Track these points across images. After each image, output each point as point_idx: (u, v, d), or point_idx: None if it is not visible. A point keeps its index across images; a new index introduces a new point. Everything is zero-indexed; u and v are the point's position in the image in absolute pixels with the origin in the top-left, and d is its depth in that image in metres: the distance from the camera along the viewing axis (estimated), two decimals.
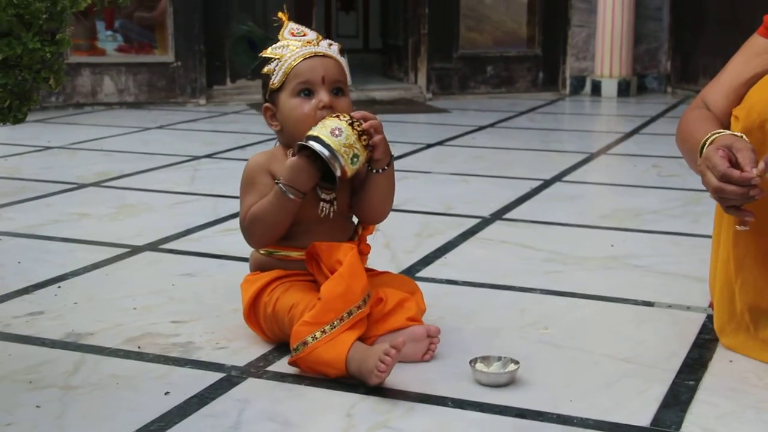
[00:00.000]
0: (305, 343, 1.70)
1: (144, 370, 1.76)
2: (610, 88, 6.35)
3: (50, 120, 5.21)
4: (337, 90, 1.88)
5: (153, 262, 2.49)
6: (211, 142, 4.45)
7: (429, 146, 4.40)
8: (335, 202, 1.89)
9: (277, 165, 1.87)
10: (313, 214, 1.87)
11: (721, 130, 1.73)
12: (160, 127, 5.01)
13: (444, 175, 3.68)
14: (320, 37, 1.91)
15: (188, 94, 5.85)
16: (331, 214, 1.89)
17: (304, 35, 1.90)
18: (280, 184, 1.80)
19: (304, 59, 1.85)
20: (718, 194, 1.65)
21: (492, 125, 5.13)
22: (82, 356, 1.82)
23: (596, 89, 6.40)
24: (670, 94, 6.49)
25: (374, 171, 1.85)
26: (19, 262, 2.45)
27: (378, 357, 1.63)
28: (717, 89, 1.90)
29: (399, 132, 4.84)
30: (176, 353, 1.84)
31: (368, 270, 1.95)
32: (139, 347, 1.87)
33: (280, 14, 1.93)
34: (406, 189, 3.39)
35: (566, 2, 6.43)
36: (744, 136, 1.70)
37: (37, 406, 1.60)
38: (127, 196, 3.28)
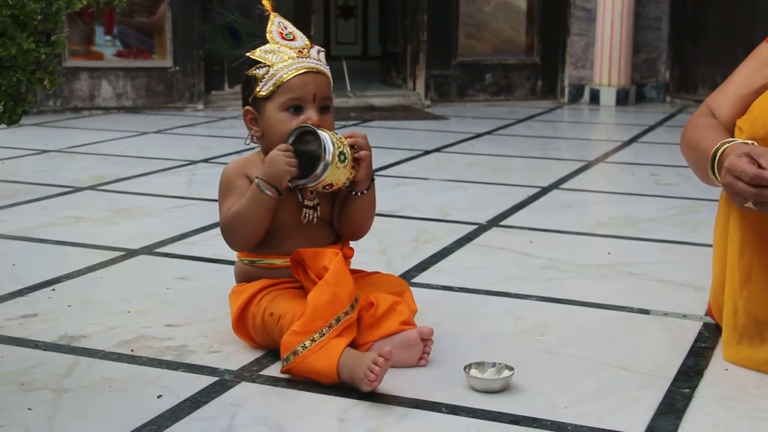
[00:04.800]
0: (295, 353, 1.69)
1: (137, 374, 1.75)
2: (608, 96, 6.35)
3: (48, 123, 5.20)
4: (325, 107, 1.87)
5: (148, 266, 2.48)
6: (208, 147, 4.44)
7: (427, 153, 4.39)
8: (318, 208, 1.88)
9: (253, 170, 1.86)
10: (296, 220, 1.87)
11: (732, 139, 1.72)
12: (158, 132, 5.00)
13: (441, 181, 3.68)
14: (308, 44, 1.89)
15: (186, 99, 5.85)
16: (314, 219, 1.88)
17: (293, 39, 1.87)
18: (257, 180, 1.80)
19: (297, 74, 1.83)
20: (757, 199, 1.63)
21: (490, 132, 5.13)
22: (75, 359, 1.81)
23: (595, 98, 6.40)
24: (669, 104, 6.49)
25: (355, 193, 1.86)
26: (13, 265, 2.44)
27: (367, 366, 1.62)
28: (723, 98, 1.88)
29: (397, 139, 4.84)
30: (170, 357, 1.83)
31: (357, 271, 1.95)
32: (132, 350, 1.86)
33: (264, 1, 1.90)
34: (403, 195, 3.39)
35: (565, 11, 6.44)
36: (755, 143, 1.68)
37: (28, 409, 1.59)
38: (123, 200, 3.27)
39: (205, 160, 4.09)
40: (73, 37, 5.45)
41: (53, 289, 2.24)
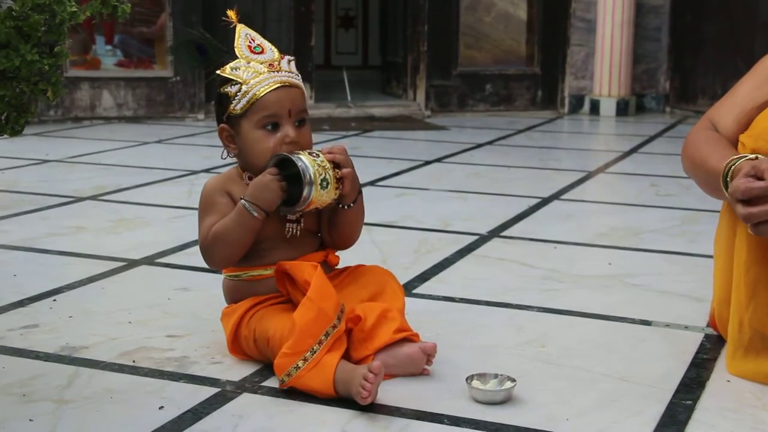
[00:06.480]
0: (289, 375, 1.68)
1: (138, 385, 1.75)
2: (608, 107, 6.35)
3: (49, 133, 5.21)
4: (301, 121, 1.86)
5: (149, 276, 2.48)
6: (209, 157, 4.44)
7: (427, 163, 4.40)
8: (301, 221, 1.88)
9: (233, 186, 1.86)
10: (280, 234, 1.86)
11: (741, 155, 1.69)
12: (159, 142, 5.01)
13: (442, 192, 3.68)
14: (279, 56, 1.85)
15: (187, 109, 5.85)
16: (298, 233, 1.87)
17: (262, 52, 1.85)
18: (244, 201, 1.79)
19: (270, 90, 1.81)
20: (749, 221, 1.61)
21: (490, 143, 5.13)
22: (77, 370, 1.81)
23: (595, 108, 6.40)
24: (669, 114, 6.50)
25: (342, 206, 1.85)
26: (14, 275, 2.44)
27: (358, 382, 1.62)
28: (726, 112, 1.86)
29: (397, 149, 4.84)
30: (171, 367, 1.83)
31: (341, 270, 1.93)
32: (133, 361, 1.86)
33: (229, 12, 1.87)
34: (403, 206, 3.39)
35: (566, 21, 6.45)
36: (763, 158, 1.66)
37: (30, 420, 1.59)
38: (124, 210, 3.27)
39: (206, 170, 4.09)
40: (73, 46, 5.46)
41: (54, 300, 2.24)
